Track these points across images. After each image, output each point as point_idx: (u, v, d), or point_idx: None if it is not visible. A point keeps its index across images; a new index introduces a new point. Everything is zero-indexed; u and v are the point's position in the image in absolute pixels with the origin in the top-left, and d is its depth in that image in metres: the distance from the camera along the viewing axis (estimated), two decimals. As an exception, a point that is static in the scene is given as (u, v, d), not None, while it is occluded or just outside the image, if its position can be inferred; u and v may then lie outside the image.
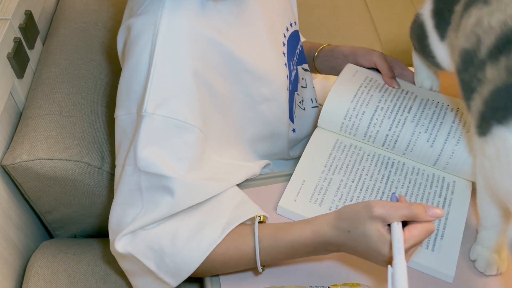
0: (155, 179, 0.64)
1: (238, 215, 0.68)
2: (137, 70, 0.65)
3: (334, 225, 0.61)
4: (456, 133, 0.78)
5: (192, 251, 0.64)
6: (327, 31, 1.49)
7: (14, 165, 0.80)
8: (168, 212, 0.64)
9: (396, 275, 0.53)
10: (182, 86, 0.65)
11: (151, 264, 0.65)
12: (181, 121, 0.64)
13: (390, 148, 0.81)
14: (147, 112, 0.63)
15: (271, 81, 0.77)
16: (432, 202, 0.76)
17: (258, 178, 0.82)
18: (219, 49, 0.68)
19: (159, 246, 0.64)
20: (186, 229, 0.65)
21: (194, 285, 0.84)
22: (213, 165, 0.71)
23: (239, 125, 0.77)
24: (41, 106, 0.88)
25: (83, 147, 0.85)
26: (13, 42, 0.88)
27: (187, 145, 0.65)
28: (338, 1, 1.59)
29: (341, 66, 0.92)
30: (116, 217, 0.67)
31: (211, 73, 0.68)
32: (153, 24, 0.64)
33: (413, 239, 0.56)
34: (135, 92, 0.65)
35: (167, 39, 0.64)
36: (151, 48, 0.63)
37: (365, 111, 0.81)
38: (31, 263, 0.86)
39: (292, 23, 0.90)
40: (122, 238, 0.65)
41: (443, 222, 0.74)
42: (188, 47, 0.65)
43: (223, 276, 0.71)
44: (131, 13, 0.70)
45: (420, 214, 0.57)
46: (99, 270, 0.86)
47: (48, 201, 0.88)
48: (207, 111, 0.69)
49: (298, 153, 0.96)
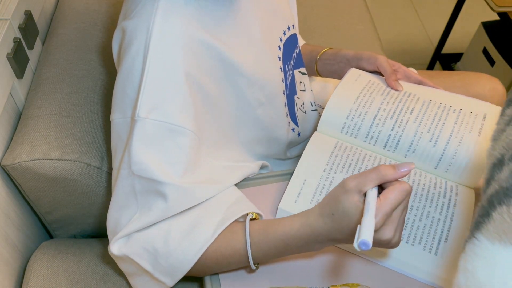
0: (148, 183, 0.64)
1: (231, 213, 0.68)
2: (131, 74, 0.65)
3: (319, 213, 0.61)
4: (459, 134, 0.78)
5: (185, 251, 0.65)
6: (327, 31, 1.49)
7: (14, 165, 0.80)
8: (161, 216, 0.65)
9: (362, 229, 0.53)
10: (176, 90, 0.64)
11: (146, 265, 0.66)
12: (175, 125, 0.64)
13: (392, 149, 0.80)
14: (140, 117, 0.63)
15: (266, 85, 0.77)
16: (437, 203, 0.75)
17: (256, 178, 0.82)
18: (212, 52, 0.68)
19: (152, 247, 0.65)
20: (179, 229, 0.66)
21: (194, 285, 0.84)
22: (208, 168, 0.71)
23: (235, 128, 0.77)
24: (40, 106, 0.87)
25: (82, 147, 0.85)
26: (13, 42, 0.88)
27: (181, 148, 0.65)
28: (338, 1, 1.59)
29: (343, 70, 0.92)
30: (113, 219, 0.68)
31: (204, 77, 0.68)
32: (146, 27, 0.64)
33: (390, 201, 0.56)
34: (129, 96, 0.65)
35: (160, 43, 0.63)
36: (144, 52, 0.63)
37: (367, 112, 0.81)
38: (31, 263, 0.86)
39: (290, 27, 0.90)
40: (117, 241, 0.66)
41: (447, 224, 0.73)
42: (182, 51, 0.64)
43: (223, 276, 0.71)
44: (125, 15, 0.70)
45: (388, 172, 0.58)
46: (99, 270, 0.86)
47: (48, 201, 0.88)
48: (201, 114, 0.68)
49: (295, 154, 0.96)
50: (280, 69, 0.82)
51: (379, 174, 0.58)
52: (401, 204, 0.58)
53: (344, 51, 0.95)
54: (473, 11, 2.42)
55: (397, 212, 0.58)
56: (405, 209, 0.59)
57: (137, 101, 0.63)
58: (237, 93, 0.74)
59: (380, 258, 0.71)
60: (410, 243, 0.71)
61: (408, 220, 0.73)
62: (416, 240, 0.71)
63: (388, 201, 0.56)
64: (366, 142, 0.81)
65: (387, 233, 0.57)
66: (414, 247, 0.70)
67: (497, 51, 1.76)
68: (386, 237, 0.57)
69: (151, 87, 0.63)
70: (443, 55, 2.11)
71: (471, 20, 2.31)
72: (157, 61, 0.63)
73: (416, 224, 0.72)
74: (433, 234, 0.72)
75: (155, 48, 0.63)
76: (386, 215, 0.56)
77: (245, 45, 0.74)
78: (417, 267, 0.69)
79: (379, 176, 0.58)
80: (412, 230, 0.72)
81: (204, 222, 0.66)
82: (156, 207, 0.65)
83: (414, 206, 0.74)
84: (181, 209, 0.66)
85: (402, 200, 0.57)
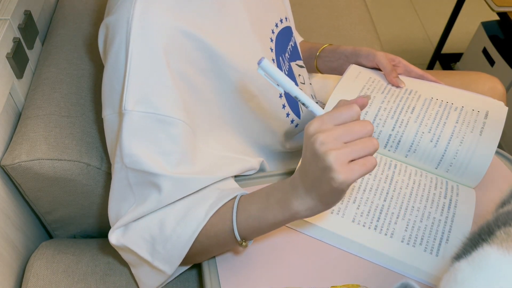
0: (141, 175, 0.65)
1: (223, 196, 0.68)
2: (116, 68, 0.65)
3: (297, 170, 0.58)
4: (460, 133, 0.78)
5: (180, 236, 0.66)
6: (327, 31, 1.49)
7: (14, 165, 0.80)
8: (156, 206, 0.66)
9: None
10: (160, 80, 0.65)
11: (145, 253, 0.67)
12: (162, 115, 0.64)
13: (393, 149, 0.80)
14: (126, 109, 0.63)
15: (256, 76, 0.76)
16: (438, 203, 0.75)
17: (256, 178, 0.82)
18: (195, 43, 0.68)
19: (149, 235, 0.67)
20: (173, 216, 0.67)
21: (194, 285, 0.84)
22: (205, 157, 0.71)
23: (229, 118, 0.77)
24: (40, 106, 0.87)
25: (82, 147, 0.85)
26: (13, 42, 0.87)
27: (172, 138, 0.65)
28: (338, 1, 1.59)
29: (343, 67, 0.92)
30: (113, 212, 0.70)
31: (188, 68, 0.68)
32: (126, 20, 0.64)
33: (335, 110, 0.52)
34: (116, 90, 0.66)
35: (140, 36, 0.64)
36: (126, 44, 0.64)
37: (367, 112, 0.81)
38: (31, 264, 0.86)
39: (283, 19, 0.89)
40: (114, 231, 0.68)
41: (448, 225, 0.73)
42: (162, 42, 0.64)
43: (222, 276, 0.71)
44: (108, 12, 0.70)
45: (343, 105, 0.53)
46: (99, 270, 0.86)
47: (48, 201, 0.88)
48: (190, 104, 0.69)
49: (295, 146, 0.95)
50: (272, 60, 0.82)
51: (336, 110, 0.53)
52: (345, 119, 0.53)
53: (342, 48, 0.95)
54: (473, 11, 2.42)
55: (339, 127, 0.52)
56: (349, 132, 0.52)
57: (122, 94, 0.64)
58: (228, 85, 0.73)
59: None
60: (411, 244, 0.71)
61: (408, 221, 0.73)
62: (417, 241, 0.71)
63: (333, 113, 0.53)
64: None
65: (314, 125, 0.53)
66: (415, 248, 0.70)
67: (497, 51, 1.76)
68: (312, 127, 0.53)
69: (135, 79, 0.63)
70: (443, 55, 2.12)
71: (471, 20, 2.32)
72: (138, 53, 0.63)
73: (417, 225, 0.72)
74: (434, 235, 0.71)
75: (136, 40, 0.63)
76: (328, 115, 0.52)
77: (233, 37, 0.74)
78: (417, 268, 0.68)
79: (336, 112, 0.53)
80: (413, 231, 0.72)
81: (197, 207, 0.67)
82: (150, 198, 0.66)
83: (415, 207, 0.74)
84: (175, 199, 0.66)
85: (347, 115, 0.52)
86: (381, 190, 0.76)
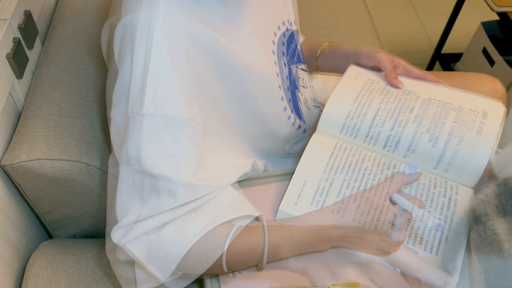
0: (146, 177, 0.65)
1: (225, 213, 0.68)
2: (133, 69, 0.64)
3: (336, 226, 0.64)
4: (458, 133, 0.78)
5: (174, 244, 0.66)
6: (327, 31, 1.49)
7: (13, 165, 0.80)
8: (157, 210, 0.66)
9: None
10: (181, 84, 0.64)
11: (142, 257, 0.67)
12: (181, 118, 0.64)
13: (392, 150, 0.80)
14: (146, 113, 0.63)
15: (259, 79, 0.76)
16: (437, 202, 0.75)
17: (256, 178, 0.82)
18: (212, 47, 0.68)
19: (147, 238, 0.67)
20: (173, 222, 0.67)
21: (194, 285, 0.84)
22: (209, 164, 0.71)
23: (236, 123, 0.77)
24: (40, 106, 0.87)
25: (82, 147, 0.85)
26: (12, 42, 0.87)
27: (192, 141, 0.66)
28: (338, 1, 1.59)
29: (343, 66, 0.92)
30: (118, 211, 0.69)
31: (205, 72, 0.68)
32: (147, 22, 0.63)
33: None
34: (130, 91, 0.65)
35: (163, 38, 0.63)
36: (146, 46, 0.63)
37: (367, 112, 0.81)
38: (31, 264, 0.86)
39: (285, 22, 0.89)
40: (117, 230, 0.68)
41: (448, 224, 0.73)
42: (184, 45, 0.64)
43: (222, 276, 0.71)
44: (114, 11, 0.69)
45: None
46: (99, 270, 0.86)
47: (48, 201, 0.88)
48: (205, 108, 0.69)
49: (296, 150, 0.95)
50: (274, 63, 0.82)
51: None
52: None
53: (342, 48, 0.95)
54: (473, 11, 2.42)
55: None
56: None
57: (141, 96, 0.63)
58: (235, 88, 0.74)
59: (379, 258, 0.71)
60: (410, 243, 0.71)
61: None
62: (417, 240, 0.71)
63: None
64: (365, 142, 0.81)
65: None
66: (415, 248, 0.70)
67: (497, 51, 1.76)
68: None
69: (156, 82, 0.63)
70: (442, 55, 2.11)
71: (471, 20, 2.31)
72: (161, 55, 0.63)
73: (416, 224, 0.72)
74: (434, 234, 0.71)
75: (158, 42, 0.63)
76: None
77: (237, 39, 0.74)
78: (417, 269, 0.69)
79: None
80: (413, 231, 0.72)
81: (196, 219, 0.67)
82: (153, 202, 0.66)
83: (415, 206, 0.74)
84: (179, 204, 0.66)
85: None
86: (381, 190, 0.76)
